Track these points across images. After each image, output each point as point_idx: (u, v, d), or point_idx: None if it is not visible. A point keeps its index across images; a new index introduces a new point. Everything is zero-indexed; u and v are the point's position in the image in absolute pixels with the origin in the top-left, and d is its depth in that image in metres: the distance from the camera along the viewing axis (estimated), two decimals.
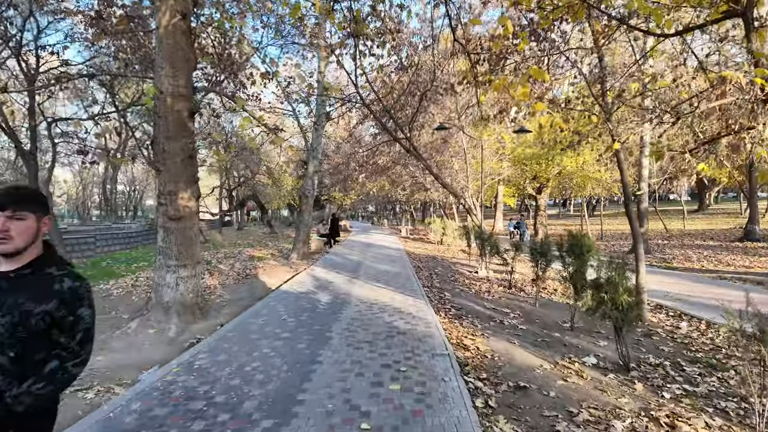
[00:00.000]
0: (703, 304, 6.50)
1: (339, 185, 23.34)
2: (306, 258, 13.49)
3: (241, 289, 8.39)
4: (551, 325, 5.57)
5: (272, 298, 7.01)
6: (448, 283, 8.69)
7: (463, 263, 12.23)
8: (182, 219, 5.80)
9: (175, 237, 5.78)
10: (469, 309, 6.39)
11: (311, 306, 6.29)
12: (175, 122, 5.62)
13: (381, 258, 13.08)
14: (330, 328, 5.04)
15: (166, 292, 5.76)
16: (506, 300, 7.13)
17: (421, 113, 11.96)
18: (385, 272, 9.88)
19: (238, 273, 10.41)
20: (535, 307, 6.60)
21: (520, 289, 8.00)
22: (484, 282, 8.84)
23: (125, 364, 4.27)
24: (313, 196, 13.63)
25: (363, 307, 6.12)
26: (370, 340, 4.53)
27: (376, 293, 7.25)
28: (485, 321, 5.69)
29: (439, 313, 6.01)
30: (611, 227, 23.21)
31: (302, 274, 9.97)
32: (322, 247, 15.70)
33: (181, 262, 5.81)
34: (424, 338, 4.61)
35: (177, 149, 5.68)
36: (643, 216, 13.72)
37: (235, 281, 9.44)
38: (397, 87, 12.21)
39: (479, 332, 5.09)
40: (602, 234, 19.42)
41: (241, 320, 5.56)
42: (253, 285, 8.86)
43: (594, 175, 16.66)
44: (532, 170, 18.64)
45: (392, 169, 17.89)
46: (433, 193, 18.15)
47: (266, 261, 13.03)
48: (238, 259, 13.93)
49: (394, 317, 5.53)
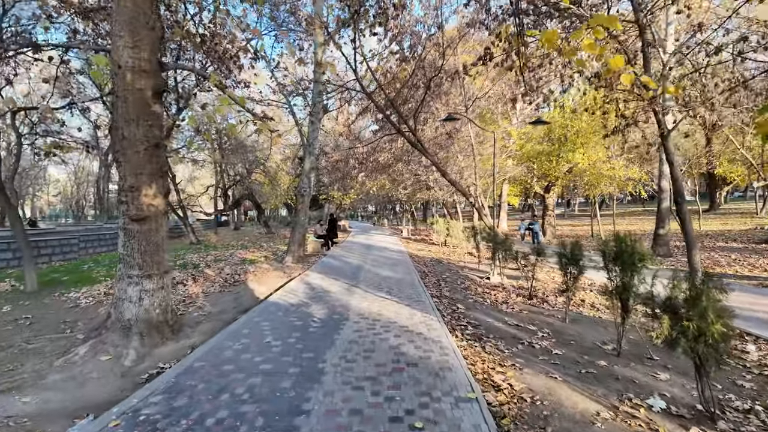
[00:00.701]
0: (760, 319, 5.54)
1: (338, 183, 22.34)
2: (301, 261, 12.52)
3: (225, 299, 7.42)
4: (591, 349, 4.61)
5: (258, 312, 6.03)
6: (459, 293, 7.72)
7: (472, 267, 11.26)
8: (146, 220, 4.82)
9: (138, 242, 4.80)
10: (488, 326, 5.42)
11: (302, 323, 5.31)
12: (137, 103, 4.65)
13: (382, 262, 12.11)
14: (323, 355, 4.07)
15: (128, 308, 4.79)
16: (529, 314, 6.16)
17: (426, 103, 11.01)
18: (388, 278, 8.91)
19: (226, 279, 9.44)
20: (566, 324, 5.63)
21: (543, 300, 7.03)
22: (499, 290, 7.88)
23: (57, 408, 3.30)
24: (309, 194, 12.67)
25: (363, 325, 5.15)
26: (373, 375, 3.55)
27: (379, 306, 6.28)
28: (511, 343, 4.72)
29: (454, 332, 5.04)
30: (621, 227, 22.25)
31: (296, 280, 8.99)
32: (320, 249, 14.73)
33: (146, 272, 4.84)
34: (442, 372, 3.64)
35: (139, 136, 4.70)
36: (665, 217, 12.79)
37: (221, 289, 8.47)
38: (401, 76, 11.27)
39: (508, 360, 4.12)
40: (614, 234, 18.45)
41: (216, 343, 4.58)
42: (240, 294, 7.89)
43: (608, 173, 15.70)
44: (541, 168, 17.69)
45: (393, 167, 16.92)
46: (437, 191, 17.18)
47: (259, 264, 12.07)
48: (229, 262, 12.98)
49: (402, 339, 4.56)
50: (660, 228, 12.64)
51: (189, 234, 21.16)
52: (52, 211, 61.90)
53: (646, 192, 18.46)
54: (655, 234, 12.88)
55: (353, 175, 19.31)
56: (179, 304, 7.03)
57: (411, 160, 16.69)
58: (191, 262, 13.06)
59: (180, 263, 12.89)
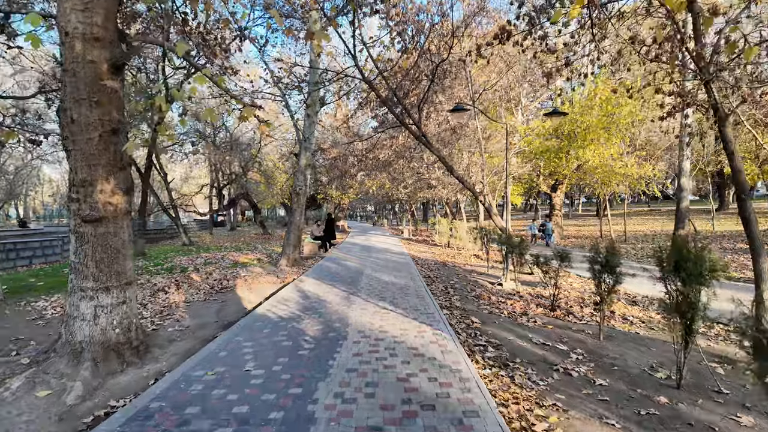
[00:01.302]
0: None
1: (336, 182, 21.49)
2: (297, 264, 11.70)
3: (208, 310, 6.59)
4: (641, 378, 3.79)
5: (242, 328, 5.20)
6: (471, 302, 6.90)
7: (480, 271, 10.45)
8: (103, 221, 3.99)
9: (93, 248, 3.98)
10: (512, 346, 4.60)
11: (292, 344, 4.49)
12: (89, 78, 3.82)
13: (383, 265, 11.29)
14: (313, 392, 3.24)
15: (80, 328, 3.96)
16: (555, 329, 5.35)
17: (431, 94, 10.21)
18: (391, 285, 8.09)
19: (212, 286, 8.61)
20: (600, 341, 4.82)
21: (567, 311, 6.22)
22: (515, 299, 7.06)
23: None
24: (305, 193, 11.85)
25: (364, 347, 4.33)
26: (378, 425, 2.73)
27: (382, 319, 5.45)
28: (544, 371, 3.90)
29: (473, 355, 4.22)
30: (628, 228, 21.43)
31: (289, 287, 8.16)
32: (317, 251, 13.91)
33: (102, 284, 4.01)
34: (467, 417, 2.82)
35: (93, 119, 3.87)
36: (685, 216, 12.01)
37: (206, 297, 7.65)
38: (404, 65, 10.47)
39: (547, 397, 3.30)
40: (625, 236, 17.67)
41: (184, 372, 3.75)
42: (226, 303, 7.06)
43: (620, 170, 14.91)
44: (549, 166, 16.89)
45: (394, 164, 16.10)
46: (440, 190, 16.37)
47: (251, 268, 11.25)
48: (219, 265, 12.15)
49: (411, 367, 3.74)
50: (679, 228, 11.86)
51: (181, 235, 20.33)
52: (47, 211, 60.97)
53: (659, 190, 17.67)
54: (674, 235, 12.07)
55: (352, 173, 18.48)
56: (155, 315, 6.21)
57: (413, 156, 15.88)
58: (179, 266, 12.24)
59: (167, 267, 12.07)
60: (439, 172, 19.43)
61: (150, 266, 12.24)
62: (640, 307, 6.47)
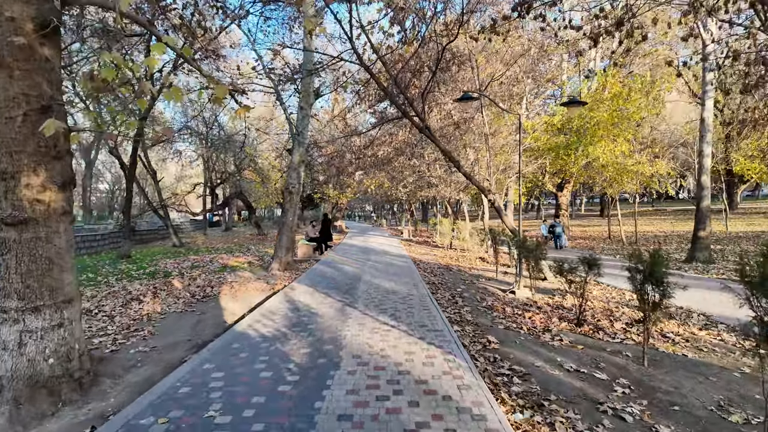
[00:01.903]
0: None
1: (332, 180, 20.63)
2: (290, 269, 10.86)
3: (183, 324, 5.76)
4: (715, 425, 2.98)
5: (216, 350, 4.37)
6: (484, 315, 6.08)
7: (488, 276, 9.63)
8: (30, 224, 3.16)
9: (17, 258, 3.14)
10: (542, 376, 3.78)
11: (272, 375, 3.65)
12: (8, 41, 2.98)
13: (383, 270, 10.46)
14: None
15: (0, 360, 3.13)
16: (586, 349, 4.53)
17: (435, 83, 9.41)
18: (392, 294, 7.27)
19: (194, 294, 7.78)
20: (644, 368, 4.01)
21: (595, 326, 5.40)
22: (533, 310, 6.24)
23: None
24: (298, 191, 11.01)
25: (361, 380, 3.50)
26: None
27: (382, 339, 4.63)
28: (587, 412, 3.08)
29: (497, 390, 3.40)
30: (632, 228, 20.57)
31: (278, 296, 7.32)
32: (312, 254, 13.07)
33: (30, 303, 3.18)
34: None
35: (15, 94, 3.04)
36: (706, 217, 11.21)
37: (185, 307, 6.82)
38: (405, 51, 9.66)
39: None
40: (636, 237, 16.88)
41: (127, 423, 2.91)
42: (205, 315, 6.23)
43: (633, 168, 14.11)
44: (556, 163, 16.08)
45: (394, 162, 15.27)
46: (444, 188, 15.54)
47: (240, 272, 10.43)
48: (206, 269, 11.33)
49: (421, 411, 2.91)
50: (700, 229, 11.05)
51: (171, 236, 19.47)
52: None
53: (667, 190, 16.88)
54: (695, 237, 11.28)
55: (349, 171, 17.62)
56: (121, 331, 5.37)
57: (414, 153, 15.05)
58: (163, 270, 11.41)
59: (150, 271, 11.24)
60: (440, 171, 18.61)
61: (132, 270, 11.40)
62: (677, 320, 5.66)
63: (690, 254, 11.26)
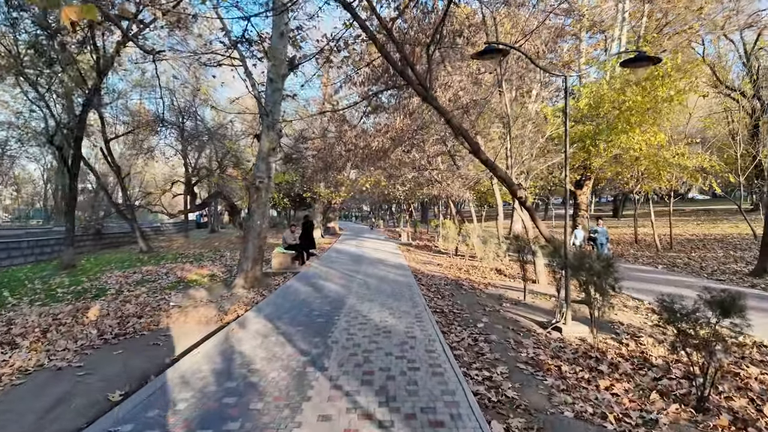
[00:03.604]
0: None
1: (319, 175, 18.27)
2: (258, 285, 8.54)
3: (35, 404, 3.44)
4: None
5: None
6: (532, 382, 3.78)
7: (512, 296, 7.34)
8: None
9: None
10: None
11: None
12: None
13: (376, 288, 8.16)
14: None
15: None
16: None
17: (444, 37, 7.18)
18: (383, 336, 4.97)
19: (107, 330, 5.50)
20: None
21: (733, 414, 3.11)
22: (606, 370, 3.95)
23: None
24: (268, 187, 8.70)
25: None
26: None
27: None
28: None
29: None
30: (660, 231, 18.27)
31: (216, 339, 4.98)
32: (290, 265, 10.75)
33: None
34: None
35: None
36: None
37: (75, 356, 4.57)
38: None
39: None
40: (671, 241, 14.62)
41: None
42: (84, 383, 3.91)
43: (675, 161, 11.85)
44: (580, 155, 13.79)
45: (390, 153, 12.96)
46: (449, 186, 13.24)
47: (195, 289, 8.22)
48: (155, 286, 9.05)
49: None
50: None
51: (139, 240, 17.14)
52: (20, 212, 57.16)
53: (719, 187, 14.61)
54: (764, 244, 9.04)
55: (338, 165, 15.28)
56: None
57: (414, 143, 12.75)
58: (99, 287, 9.12)
59: (82, 289, 8.94)
60: (442, 166, 16.36)
61: (62, 287, 9.09)
62: None
63: (760, 265, 9.01)
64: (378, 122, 13.82)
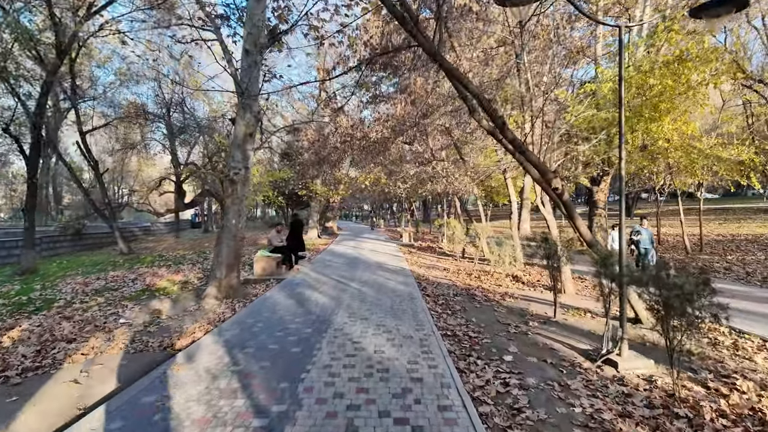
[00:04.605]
0: None
1: (314, 169, 16.85)
2: (233, 295, 7.18)
3: None
4: None
5: None
6: None
7: (537, 310, 5.96)
8: None
9: None
10: None
11: None
12: None
13: (373, 301, 6.80)
14: None
15: None
16: None
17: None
18: (381, 374, 3.62)
19: (24, 359, 4.15)
20: None
21: None
22: None
23: None
24: (245, 179, 7.34)
25: None
26: None
27: None
28: None
29: None
30: (676, 230, 16.75)
31: (160, 372, 3.64)
32: (276, 270, 9.39)
33: None
34: None
35: None
36: None
37: None
38: None
39: None
40: (701, 242, 13.21)
41: None
42: None
43: (713, 152, 10.47)
44: (600, 148, 12.40)
45: (390, 145, 11.60)
46: (457, 181, 11.86)
47: (159, 300, 6.85)
48: (112, 296, 7.72)
49: None
50: None
51: (118, 241, 15.82)
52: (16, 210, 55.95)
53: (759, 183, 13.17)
54: None
55: (333, 159, 13.89)
56: None
57: (416, 136, 11.38)
58: (50, 296, 7.82)
59: (26, 299, 7.63)
60: (447, 161, 14.99)
61: (1, 299, 7.75)
62: None
63: None
64: (377, 111, 12.46)
